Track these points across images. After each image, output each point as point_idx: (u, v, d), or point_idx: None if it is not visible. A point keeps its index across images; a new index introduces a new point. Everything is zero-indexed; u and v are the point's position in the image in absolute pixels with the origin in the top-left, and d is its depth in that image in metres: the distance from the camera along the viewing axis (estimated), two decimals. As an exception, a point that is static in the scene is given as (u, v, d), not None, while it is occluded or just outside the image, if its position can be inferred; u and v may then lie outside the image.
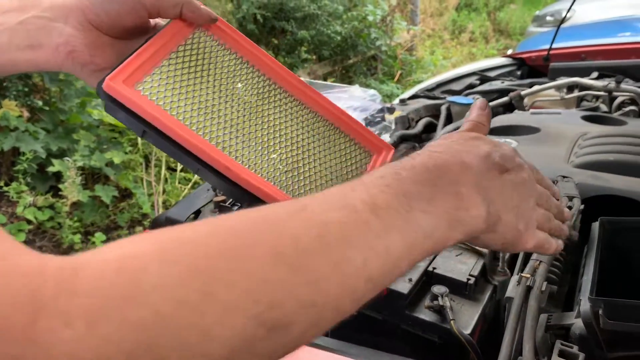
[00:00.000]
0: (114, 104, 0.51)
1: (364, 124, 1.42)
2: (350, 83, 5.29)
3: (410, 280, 0.82)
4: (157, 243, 0.30)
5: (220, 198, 1.11)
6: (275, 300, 0.30)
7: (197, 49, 0.59)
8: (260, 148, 0.59)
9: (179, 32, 0.57)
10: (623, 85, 1.76)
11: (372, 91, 1.57)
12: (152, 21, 0.60)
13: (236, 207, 1.10)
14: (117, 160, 2.98)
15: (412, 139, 1.93)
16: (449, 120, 1.94)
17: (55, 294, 0.25)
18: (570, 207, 0.84)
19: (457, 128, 1.66)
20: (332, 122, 0.68)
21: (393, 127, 1.52)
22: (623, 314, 0.63)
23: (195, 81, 0.57)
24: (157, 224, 1.21)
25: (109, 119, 3.21)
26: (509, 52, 2.75)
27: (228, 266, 0.30)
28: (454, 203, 0.40)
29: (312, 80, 1.55)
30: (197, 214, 1.17)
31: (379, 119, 1.49)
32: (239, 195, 0.56)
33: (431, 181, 0.40)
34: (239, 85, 0.61)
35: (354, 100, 1.53)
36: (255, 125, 0.60)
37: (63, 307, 0.25)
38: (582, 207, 0.86)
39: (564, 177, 0.94)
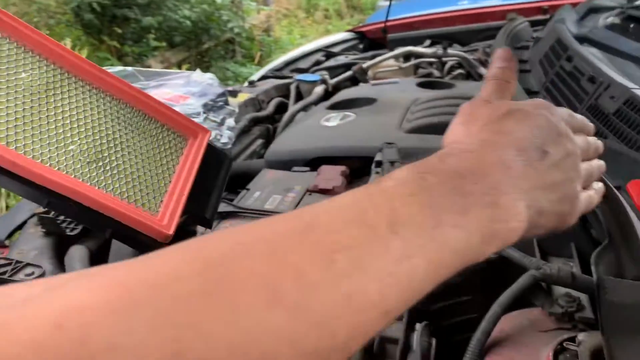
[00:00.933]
0: None
1: (202, 110, 1.37)
2: (208, 68, 5.14)
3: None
4: (111, 287, 0.23)
5: (42, 209, 1.00)
6: (270, 353, 0.24)
7: None
8: (54, 140, 0.55)
9: None
10: (450, 51, 1.90)
11: (209, 75, 1.51)
12: None
13: (61, 218, 1.00)
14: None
15: (265, 120, 1.92)
16: (299, 98, 1.96)
17: None
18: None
19: (307, 106, 1.65)
20: (140, 109, 0.65)
21: (237, 110, 1.49)
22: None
23: None
24: (-26, 246, 1.06)
25: None
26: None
27: (207, 312, 0.23)
28: (491, 215, 0.34)
29: (142, 69, 1.45)
30: (19, 229, 1.06)
31: (221, 103, 1.45)
32: (37, 195, 0.51)
33: (464, 189, 0.33)
34: (23, 75, 0.55)
35: (192, 85, 1.47)
36: (47, 117, 0.55)
37: None
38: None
39: (388, 143, 0.98)
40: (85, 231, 1.03)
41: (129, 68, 1.41)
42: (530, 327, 0.59)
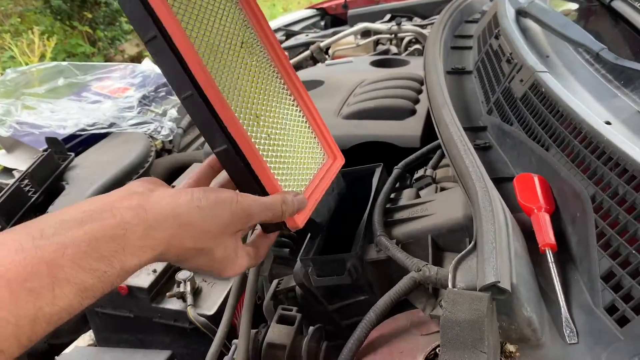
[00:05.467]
0: None
1: (136, 104, 1.34)
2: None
3: (154, 271, 0.79)
4: None
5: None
6: None
7: None
8: (247, 106, 0.58)
9: None
10: (405, 26, 1.85)
11: (142, 66, 1.47)
12: None
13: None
14: None
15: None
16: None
17: None
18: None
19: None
20: (306, 115, 0.69)
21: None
22: (329, 268, 0.65)
23: (206, 19, 0.55)
24: None
25: None
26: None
27: None
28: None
29: (77, 63, 1.41)
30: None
31: (163, 93, 1.41)
32: (220, 138, 0.53)
33: None
34: (241, 43, 0.61)
35: (136, 77, 1.43)
36: (246, 83, 0.59)
37: None
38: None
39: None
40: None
41: (64, 63, 1.38)
42: (411, 331, 0.57)
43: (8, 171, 1.26)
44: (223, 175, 0.57)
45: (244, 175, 0.54)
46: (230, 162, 0.54)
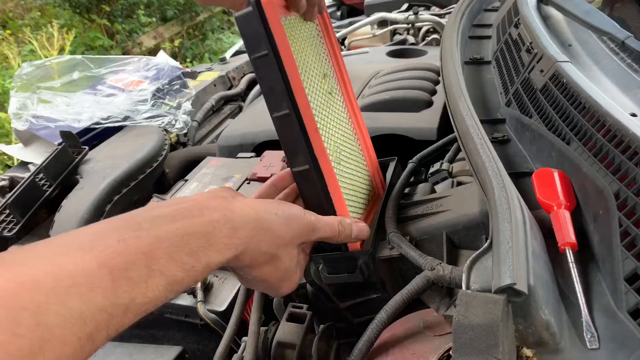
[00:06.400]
0: (258, 12, 0.50)
1: (150, 97, 1.33)
2: (204, 40, 5.06)
3: (165, 266, 0.78)
4: None
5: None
6: None
7: (303, 27, 0.62)
8: (328, 133, 0.61)
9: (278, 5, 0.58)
10: (422, 16, 1.81)
11: (157, 59, 1.46)
12: None
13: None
14: None
15: (237, 98, 1.88)
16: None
17: None
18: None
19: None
20: (363, 150, 0.72)
21: (194, 93, 1.44)
22: (340, 266, 0.63)
23: (304, 47, 0.60)
24: None
25: None
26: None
27: None
28: None
29: (91, 56, 1.41)
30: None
31: (177, 86, 1.40)
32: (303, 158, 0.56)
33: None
34: (323, 75, 0.65)
35: (150, 70, 1.42)
36: (328, 111, 0.63)
37: None
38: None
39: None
40: (26, 230, 1.03)
41: (78, 56, 1.38)
42: (424, 332, 0.56)
43: (24, 165, 1.27)
44: (284, 194, 0.60)
45: (318, 196, 0.57)
46: (308, 182, 0.57)
